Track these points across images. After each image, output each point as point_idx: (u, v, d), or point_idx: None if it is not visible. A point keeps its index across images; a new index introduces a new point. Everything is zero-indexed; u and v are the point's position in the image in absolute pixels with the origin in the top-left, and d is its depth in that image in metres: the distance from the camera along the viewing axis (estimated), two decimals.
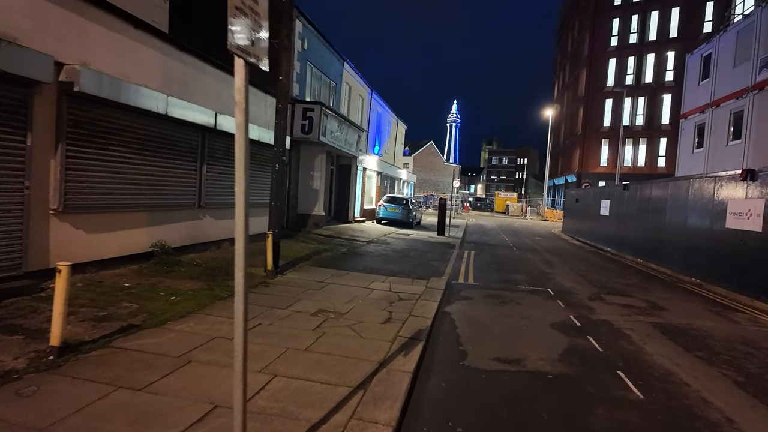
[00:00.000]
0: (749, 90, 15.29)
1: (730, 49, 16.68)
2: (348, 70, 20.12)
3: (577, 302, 8.02)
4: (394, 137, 32.42)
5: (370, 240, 15.10)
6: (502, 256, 14.12)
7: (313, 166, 15.85)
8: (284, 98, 7.79)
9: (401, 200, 22.52)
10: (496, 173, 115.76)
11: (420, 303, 6.82)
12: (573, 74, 47.98)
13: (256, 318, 5.36)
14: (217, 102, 8.98)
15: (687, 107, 20.15)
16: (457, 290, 8.48)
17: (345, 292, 7.12)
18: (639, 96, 37.97)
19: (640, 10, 38.57)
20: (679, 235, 12.08)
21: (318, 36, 16.49)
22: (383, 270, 9.63)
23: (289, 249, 10.86)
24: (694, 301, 8.82)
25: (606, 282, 10.48)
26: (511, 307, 7.34)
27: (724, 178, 10.22)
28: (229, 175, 9.75)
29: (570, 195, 27.11)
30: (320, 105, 14.60)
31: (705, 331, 6.52)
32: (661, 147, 37.30)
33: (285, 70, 7.78)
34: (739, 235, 9.39)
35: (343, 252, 11.85)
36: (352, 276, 8.56)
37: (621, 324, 6.62)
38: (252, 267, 8.17)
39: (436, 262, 11.78)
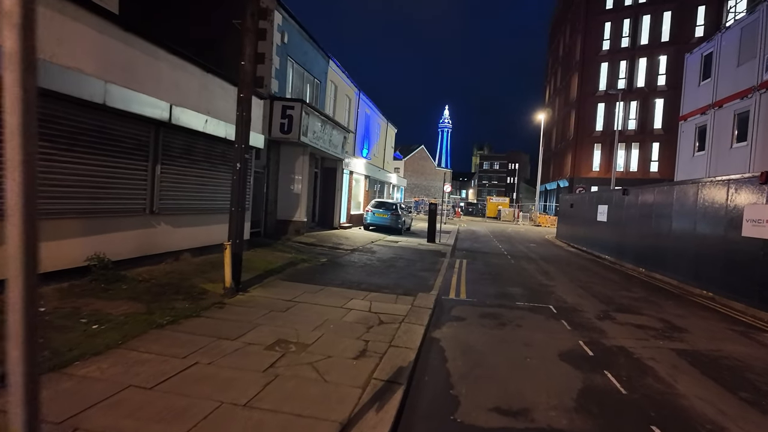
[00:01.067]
0: (755, 89, 14.50)
1: (734, 47, 15.93)
2: (334, 68, 19.09)
3: (584, 322, 7.00)
4: (383, 140, 31.42)
5: (355, 248, 14.01)
6: (496, 266, 13.11)
7: (294, 168, 14.75)
8: (247, 87, 6.72)
9: (390, 205, 21.48)
10: (488, 178, 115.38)
11: (404, 327, 5.75)
12: (565, 78, 47.49)
13: (194, 354, 4.25)
14: (174, 93, 7.88)
15: (687, 108, 19.39)
16: (447, 308, 7.43)
17: (315, 315, 6.03)
18: (631, 100, 37.45)
19: (632, 14, 38.14)
20: (686, 243, 11.17)
21: (300, 30, 15.45)
22: (365, 284, 8.55)
23: (261, 260, 9.75)
24: (713, 319, 7.85)
25: (611, 296, 9.49)
26: (510, 331, 6.29)
27: (739, 181, 9.32)
28: (190, 176, 8.64)
29: (564, 200, 26.27)
30: (301, 102, 13.52)
31: (738, 360, 5.53)
32: (653, 152, 36.75)
33: (248, 55, 6.71)
34: (758, 245, 8.47)
35: (323, 263, 10.74)
36: (328, 292, 7.46)
37: (640, 352, 5.60)
38: (210, 283, 7.06)
39: (425, 273, 10.74)
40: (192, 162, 8.63)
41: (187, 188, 8.55)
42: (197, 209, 8.89)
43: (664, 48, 36.15)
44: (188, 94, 8.30)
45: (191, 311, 5.61)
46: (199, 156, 8.82)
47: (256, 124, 10.82)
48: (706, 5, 34.42)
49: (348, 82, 21.36)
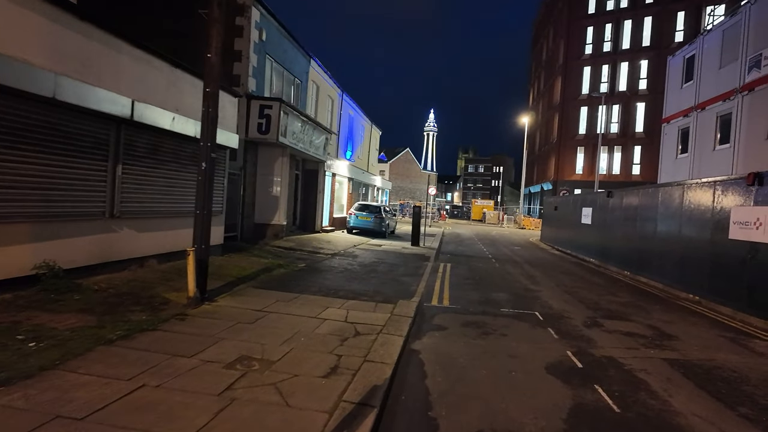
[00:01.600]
0: (737, 91, 14.51)
1: (716, 50, 15.97)
2: (315, 68, 18.65)
3: (571, 330, 6.69)
4: (368, 142, 31.04)
5: (336, 252, 13.57)
6: (480, 270, 12.80)
7: (272, 170, 14.26)
8: (214, 81, 6.25)
9: (374, 208, 21.08)
10: (473, 181, 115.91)
11: (381, 339, 5.35)
12: (548, 82, 47.80)
13: (143, 375, 3.78)
14: (138, 88, 7.37)
15: (669, 111, 19.43)
16: (429, 316, 7.05)
17: (286, 326, 5.58)
18: (613, 104, 37.78)
19: (614, 19, 38.53)
20: (672, 246, 11.01)
21: (280, 28, 15.00)
22: (343, 291, 8.13)
23: (234, 266, 9.25)
24: (702, 325, 7.62)
25: (598, 301, 9.24)
26: (495, 341, 5.94)
27: (725, 182, 9.16)
28: (157, 177, 8.12)
29: (548, 203, 26.21)
30: (279, 102, 13.07)
31: (733, 370, 5.26)
32: (635, 155, 37.10)
33: (215, 47, 6.25)
34: (746, 248, 8.29)
35: (301, 268, 10.28)
36: (303, 301, 7.02)
37: (631, 363, 5.29)
38: (174, 292, 6.57)
39: (407, 278, 10.36)
40: (159, 162, 8.11)
41: (154, 190, 8.03)
42: (165, 212, 8.37)
43: (645, 53, 36.57)
44: (154, 89, 7.79)
45: (148, 324, 5.12)
46: (166, 156, 8.31)
47: (229, 123, 10.34)
48: (685, 11, 34.95)
49: (330, 82, 20.94)
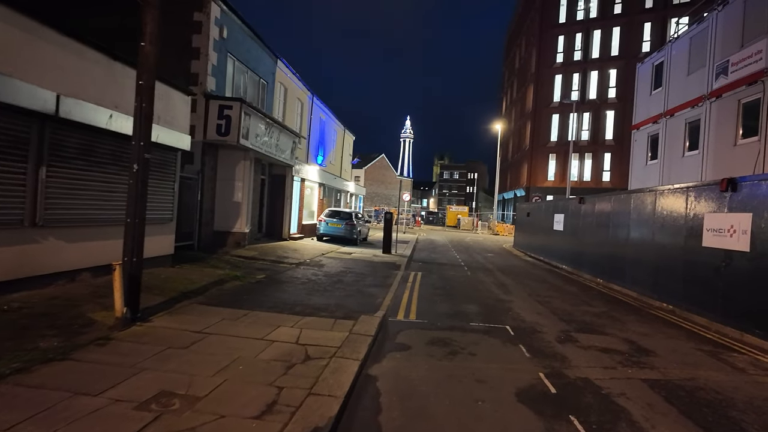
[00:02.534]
0: (705, 98, 14.57)
1: (684, 57, 16.08)
2: (283, 69, 17.96)
3: (544, 347, 6.21)
4: (340, 147, 30.41)
5: (301, 262, 12.85)
6: (452, 279, 12.31)
7: (234, 174, 13.47)
8: (148, 72, 5.54)
9: (345, 215, 20.42)
10: (448, 187, 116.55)
11: (334, 364, 4.72)
12: (521, 90, 48.30)
13: (28, 421, 3.05)
14: (66, 81, 6.57)
15: (639, 118, 19.54)
16: (393, 333, 6.46)
17: (225, 351, 4.89)
18: (584, 112, 38.32)
19: (584, 28, 39.20)
20: (645, 253, 10.77)
21: (243, 26, 14.28)
22: (302, 305, 7.47)
23: (183, 278, 8.46)
24: (679, 338, 7.28)
25: (572, 312, 8.84)
26: (462, 362, 5.39)
27: (698, 188, 8.94)
28: (92, 181, 7.29)
29: (521, 209, 26.11)
30: (240, 102, 12.33)
31: (716, 391, 4.85)
32: (605, 161, 37.67)
33: (149, 34, 5.54)
34: (720, 256, 8.04)
35: (259, 280, 9.55)
36: (252, 319, 6.32)
37: (609, 386, 4.82)
38: (103, 311, 5.79)
39: (374, 289, 9.77)
40: (93, 165, 7.29)
41: (87, 195, 7.20)
42: (103, 220, 7.53)
43: (614, 62, 37.29)
44: (87, 84, 6.98)
45: (57, 352, 4.36)
46: (104, 157, 7.49)
47: (181, 123, 9.56)
48: (652, 22, 35.84)
49: (300, 85, 20.27)
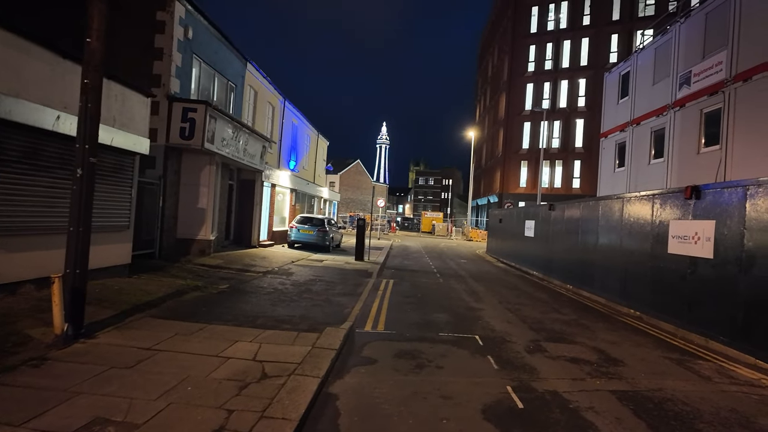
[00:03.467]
0: (670, 107, 14.96)
1: (649, 67, 16.51)
2: (253, 72, 17.54)
3: (513, 358, 6.07)
4: (314, 153, 30.01)
5: (269, 270, 12.45)
6: (424, 287, 12.14)
7: (198, 179, 12.97)
8: (94, 70, 5.15)
9: (317, 221, 20.04)
10: (424, 193, 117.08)
11: (292, 383, 4.43)
12: (494, 98, 49.00)
13: None
14: (5, 78, 6.09)
15: (607, 126, 19.96)
16: (359, 346, 6.20)
17: (174, 370, 4.54)
18: (555, 120, 39.10)
19: (554, 38, 40.10)
20: (613, 260, 10.86)
21: (209, 27, 13.85)
22: (264, 317, 7.13)
23: (138, 290, 7.98)
24: (647, 345, 7.27)
25: (542, 320, 8.77)
26: (428, 376, 5.18)
27: (664, 195, 9.05)
28: (36, 186, 6.79)
29: (493, 215, 26.29)
30: (205, 104, 11.90)
31: (684, 402, 4.78)
32: (575, 169, 38.48)
33: (96, 30, 5.16)
34: (685, 262, 8.13)
35: (221, 290, 9.14)
36: (209, 333, 5.96)
37: (577, 399, 4.69)
38: (44, 326, 5.33)
39: (343, 298, 9.49)
40: (39, 169, 6.79)
41: (31, 202, 6.69)
42: (49, 228, 7.02)
43: (584, 71, 38.24)
44: (31, 82, 6.51)
45: None
46: (50, 161, 7.00)
47: (139, 126, 9.10)
48: (619, 33, 36.95)
49: (271, 88, 19.86)
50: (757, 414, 4.59)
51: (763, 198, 6.54)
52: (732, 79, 12.47)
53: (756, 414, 4.59)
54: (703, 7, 14.12)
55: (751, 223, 6.71)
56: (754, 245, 6.63)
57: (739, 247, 6.90)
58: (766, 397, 5.13)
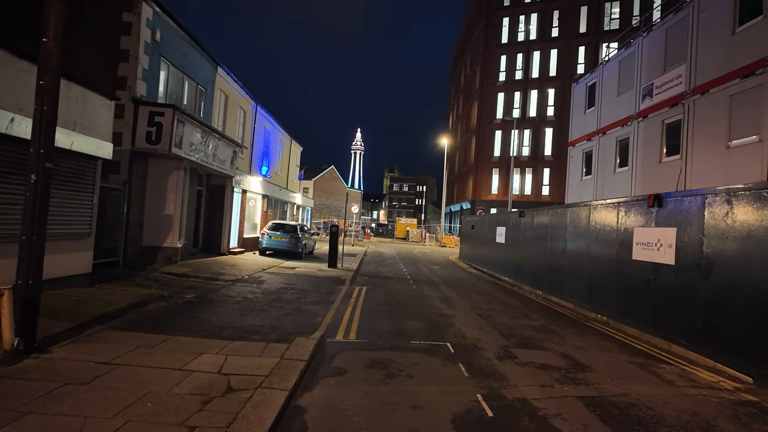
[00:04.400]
0: (634, 118, 15.51)
1: (614, 78, 17.10)
2: (223, 76, 17.24)
3: (483, 365, 6.10)
4: (287, 158, 29.69)
5: (239, 278, 12.18)
6: (397, 294, 12.11)
7: (166, 185, 12.60)
8: (50, 71, 4.92)
9: (290, 227, 19.79)
10: (398, 200, 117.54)
11: (258, 396, 4.30)
12: (466, 106, 49.78)
13: None
14: None
15: (574, 135, 20.54)
16: (329, 356, 6.10)
17: (134, 386, 4.34)
18: (525, 128, 40.00)
19: (524, 49, 41.10)
20: (581, 266, 11.11)
21: (178, 30, 13.54)
22: (232, 328, 6.94)
23: (100, 300, 7.64)
24: (613, 350, 7.44)
25: (512, 326, 8.87)
26: (399, 386, 5.13)
27: (628, 203, 9.33)
28: None
29: (466, 222, 26.59)
30: (173, 108, 11.60)
31: (648, 406, 4.89)
32: (545, 176, 39.40)
33: (53, 30, 4.94)
34: (649, 268, 8.38)
35: (188, 300, 8.86)
36: (172, 345, 5.74)
37: (546, 407, 4.73)
38: None
39: (315, 306, 9.36)
40: None
41: None
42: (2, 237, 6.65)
43: (552, 81, 39.32)
44: None
45: None
46: (4, 166, 6.64)
47: (101, 130, 8.76)
48: (585, 46, 38.22)
49: (242, 93, 19.57)
50: (717, 417, 4.73)
51: (720, 206, 6.81)
52: (691, 91, 13.04)
53: (716, 417, 4.73)
54: (664, 22, 14.75)
55: (709, 231, 6.97)
56: (712, 252, 6.89)
57: (698, 253, 7.16)
58: (724, 399, 5.31)
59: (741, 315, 6.28)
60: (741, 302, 6.30)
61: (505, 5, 42.22)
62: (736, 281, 6.42)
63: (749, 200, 6.29)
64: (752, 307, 6.08)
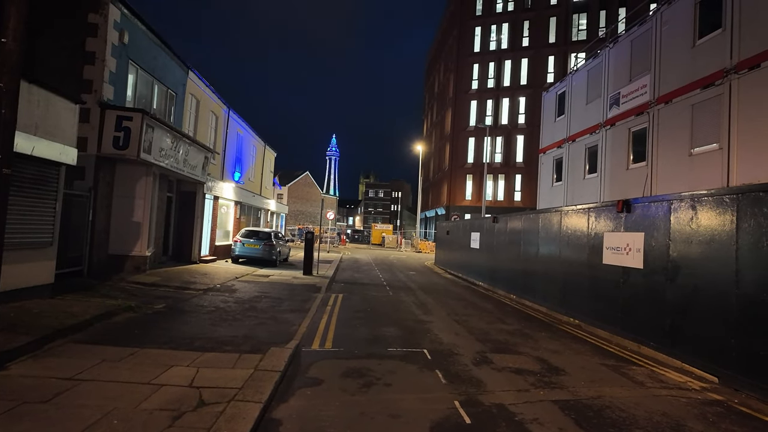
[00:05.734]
0: (602, 126, 16.00)
1: (582, 88, 17.63)
2: (195, 81, 16.89)
3: (460, 371, 6.10)
4: (260, 164, 29.28)
5: (211, 287, 11.87)
6: (373, 300, 12.05)
7: (134, 191, 12.20)
8: (10, 74, 4.68)
9: (263, 234, 19.47)
10: (374, 206, 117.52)
11: (231, 410, 4.16)
12: (440, 113, 50.38)
13: None
14: None
15: (545, 142, 21.03)
16: (305, 366, 5.99)
17: (99, 401, 4.13)
18: (497, 136, 40.74)
19: (496, 58, 41.96)
20: (553, 270, 11.32)
21: (147, 32, 13.19)
22: (204, 339, 6.73)
23: (62, 312, 7.29)
24: (586, 353, 7.58)
25: (488, 330, 8.94)
26: (376, 394, 5.07)
27: (598, 209, 9.58)
28: None
29: (441, 227, 26.80)
30: (141, 113, 11.26)
31: (621, 408, 4.99)
32: (517, 182, 40.18)
33: (12, 29, 4.72)
34: (619, 272, 8.60)
35: (157, 310, 8.56)
36: (140, 358, 5.52)
37: (522, 411, 4.76)
38: None
39: (290, 315, 9.20)
40: None
41: None
42: None
43: (523, 90, 40.24)
44: None
45: None
46: None
47: (65, 134, 8.42)
48: (555, 55, 39.34)
49: (214, 97, 19.21)
50: (686, 417, 4.86)
51: (685, 211, 7.06)
52: (655, 100, 13.55)
53: (685, 417, 4.86)
54: (629, 34, 15.32)
55: (675, 235, 7.21)
56: (678, 255, 7.13)
57: (665, 257, 7.40)
58: (692, 399, 5.47)
59: (705, 316, 6.51)
60: (705, 304, 6.53)
61: (478, 15, 43.06)
62: (700, 284, 6.66)
63: (712, 205, 6.55)
64: (716, 309, 6.31)
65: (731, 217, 6.18)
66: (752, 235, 5.84)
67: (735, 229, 6.09)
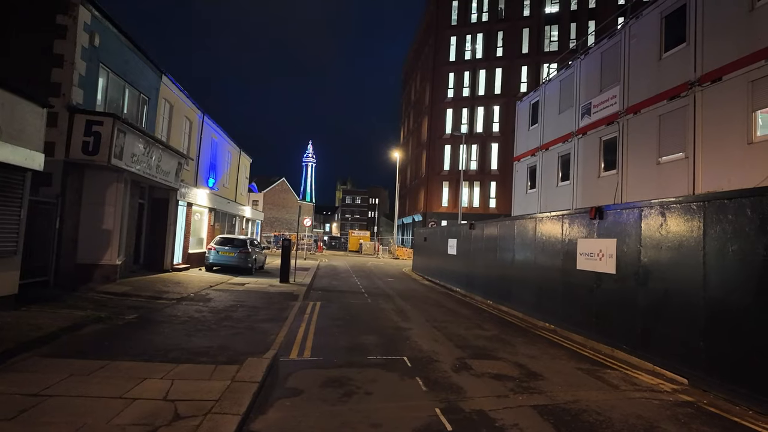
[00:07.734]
0: (574, 134, 16.44)
1: (555, 97, 18.10)
2: (168, 85, 16.55)
3: (440, 378, 6.11)
4: (235, 170, 28.84)
5: (184, 296, 11.57)
6: (352, 308, 11.97)
7: (104, 198, 11.82)
8: None
9: (239, 242, 19.11)
10: (351, 212, 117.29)
11: (208, 423, 4.05)
12: (417, 121, 50.83)
13: None
14: None
15: (519, 150, 21.46)
16: (283, 377, 5.88)
17: (68, 417, 3.95)
18: (472, 143, 41.34)
19: (471, 67, 42.69)
20: (528, 276, 11.51)
21: (119, 35, 12.87)
22: (178, 350, 6.54)
23: (26, 324, 6.97)
24: (562, 357, 7.71)
25: (466, 336, 9.00)
26: (357, 404, 5.02)
27: (572, 216, 9.80)
28: None
29: (419, 234, 26.94)
30: (112, 117, 10.95)
31: (597, 412, 5.08)
32: (492, 189, 40.81)
33: None
34: (592, 278, 8.81)
35: (129, 321, 8.29)
36: (112, 371, 5.32)
37: (502, 417, 4.80)
38: None
39: (267, 324, 9.04)
40: None
41: None
42: None
43: (497, 99, 41.03)
44: None
45: None
46: None
47: (31, 138, 8.10)
48: (528, 65, 40.30)
49: (188, 102, 18.86)
50: (659, 419, 5.00)
51: (654, 218, 7.30)
52: (625, 111, 14.03)
53: (658, 419, 4.99)
54: (599, 46, 15.84)
55: (645, 241, 7.45)
56: (649, 261, 7.35)
57: (636, 262, 7.62)
58: (664, 401, 5.62)
59: (675, 320, 6.72)
60: (675, 308, 6.75)
61: (453, 25, 43.77)
62: (670, 288, 6.88)
63: (680, 212, 6.79)
64: (685, 312, 6.53)
65: (698, 223, 6.42)
66: (718, 240, 6.08)
67: (702, 235, 6.33)
